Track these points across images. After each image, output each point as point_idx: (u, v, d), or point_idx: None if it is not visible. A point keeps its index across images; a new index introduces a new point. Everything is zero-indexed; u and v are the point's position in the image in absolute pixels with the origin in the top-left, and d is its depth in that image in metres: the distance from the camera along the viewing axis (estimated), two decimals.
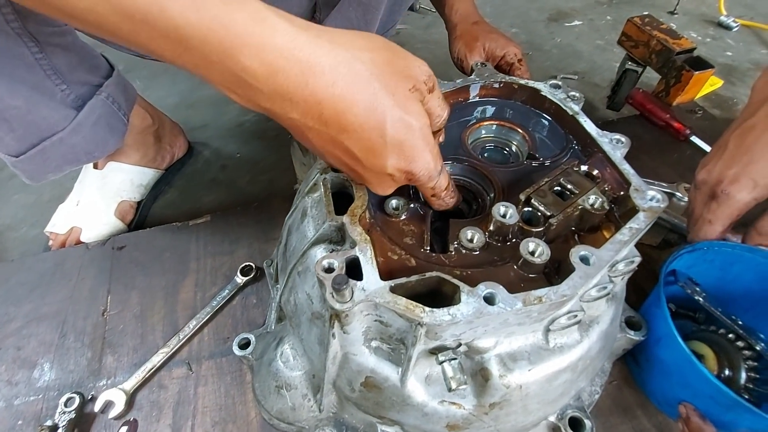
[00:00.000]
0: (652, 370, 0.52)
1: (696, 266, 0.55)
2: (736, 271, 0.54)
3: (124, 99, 0.75)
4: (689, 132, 0.86)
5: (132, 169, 0.84)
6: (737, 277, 0.55)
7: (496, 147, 0.55)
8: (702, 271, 0.56)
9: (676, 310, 0.59)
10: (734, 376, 0.48)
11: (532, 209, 0.43)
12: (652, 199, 0.42)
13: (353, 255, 0.38)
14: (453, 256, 0.42)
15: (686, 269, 0.56)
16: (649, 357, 0.52)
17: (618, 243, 0.39)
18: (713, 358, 0.49)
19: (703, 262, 0.55)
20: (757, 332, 0.51)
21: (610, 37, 1.38)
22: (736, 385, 0.48)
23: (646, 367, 0.53)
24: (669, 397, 0.51)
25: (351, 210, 0.41)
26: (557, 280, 0.39)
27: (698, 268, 0.55)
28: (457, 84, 0.56)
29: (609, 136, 0.48)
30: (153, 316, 0.65)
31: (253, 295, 0.66)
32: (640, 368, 0.55)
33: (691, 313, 0.59)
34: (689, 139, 0.86)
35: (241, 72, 0.31)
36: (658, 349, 0.50)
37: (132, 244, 0.74)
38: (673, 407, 0.49)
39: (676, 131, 0.87)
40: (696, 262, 0.55)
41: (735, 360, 0.49)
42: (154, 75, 1.27)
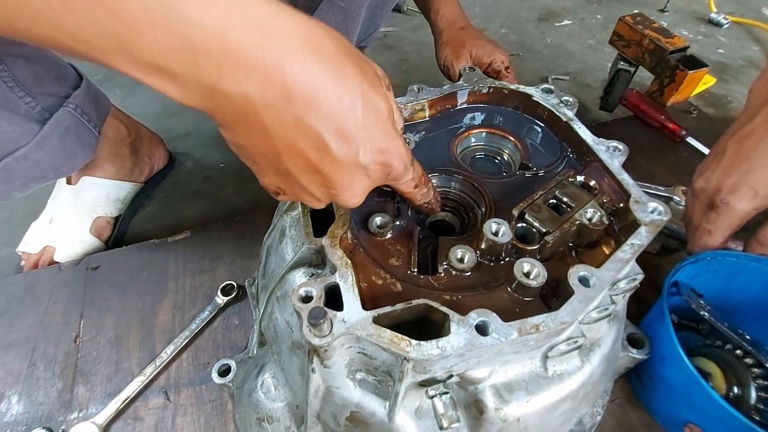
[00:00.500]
0: (657, 388, 0.49)
1: (699, 276, 0.53)
2: (741, 281, 0.52)
3: (94, 110, 0.71)
4: (685, 133, 0.84)
5: (107, 183, 0.80)
6: (742, 287, 0.52)
7: (487, 156, 0.52)
8: (705, 281, 0.53)
9: (678, 321, 0.56)
10: (743, 394, 0.46)
11: (526, 225, 0.40)
12: (654, 212, 0.40)
13: (333, 282, 0.35)
14: (442, 278, 0.39)
15: (689, 280, 0.53)
16: (653, 375, 0.49)
17: (619, 261, 0.36)
18: (720, 377, 0.47)
19: (706, 273, 0.52)
20: (765, 346, 0.48)
21: (601, 36, 1.36)
22: (745, 405, 0.45)
23: (649, 385, 0.51)
24: (675, 417, 0.48)
25: (331, 231, 0.38)
26: (555, 303, 0.36)
27: (701, 279, 0.53)
28: (444, 90, 0.53)
29: (605, 143, 0.46)
30: (128, 341, 0.61)
31: (235, 316, 0.63)
32: (643, 386, 0.52)
33: (694, 324, 0.57)
34: (685, 141, 0.84)
35: (186, 28, 0.25)
36: (662, 367, 0.47)
37: (107, 263, 0.70)
38: (679, 428, 0.47)
39: (671, 132, 0.85)
40: (699, 272, 0.52)
41: (743, 377, 0.46)
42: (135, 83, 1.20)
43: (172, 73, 0.26)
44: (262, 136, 0.29)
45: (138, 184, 0.88)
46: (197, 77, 0.26)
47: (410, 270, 0.39)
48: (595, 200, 0.40)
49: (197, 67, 0.26)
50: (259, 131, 0.29)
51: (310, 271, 0.40)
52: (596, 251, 0.40)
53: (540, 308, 0.36)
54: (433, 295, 0.36)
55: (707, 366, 0.48)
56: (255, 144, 0.30)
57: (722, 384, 0.47)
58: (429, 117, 0.53)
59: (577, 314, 0.33)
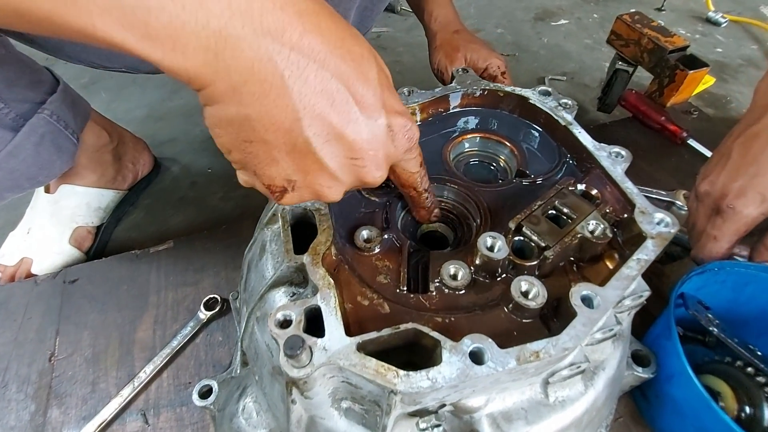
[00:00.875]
0: (663, 407, 0.47)
1: (705, 287, 0.50)
2: (749, 292, 0.49)
3: (72, 116, 0.68)
4: (686, 135, 0.81)
5: (88, 191, 0.77)
6: (751, 298, 0.50)
7: (482, 163, 0.49)
8: (712, 292, 0.50)
9: (683, 333, 0.54)
10: (756, 415, 0.43)
11: (523, 238, 0.37)
12: (660, 223, 0.37)
13: (314, 305, 0.32)
14: (434, 297, 0.36)
15: (695, 291, 0.50)
16: (659, 394, 0.46)
17: (625, 279, 0.33)
18: (731, 396, 0.44)
19: (713, 283, 0.50)
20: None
21: (598, 36, 1.34)
22: (758, 427, 0.43)
23: (655, 403, 0.48)
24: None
25: (313, 247, 0.35)
26: (555, 325, 0.33)
27: (708, 290, 0.50)
28: (436, 93, 0.50)
29: (607, 149, 0.43)
30: (106, 359, 0.58)
31: (218, 332, 0.59)
32: (649, 404, 0.49)
33: (699, 336, 0.54)
34: (686, 143, 0.82)
35: None
36: (669, 386, 0.44)
37: (85, 276, 0.67)
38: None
39: (672, 134, 0.82)
40: (706, 283, 0.50)
41: (756, 397, 0.43)
42: (121, 86, 1.19)
43: (170, 29, 0.23)
44: (280, 96, 0.25)
45: (121, 192, 0.84)
46: (201, 25, 0.23)
47: (399, 288, 0.36)
48: (597, 211, 0.37)
49: (202, 6, 0.23)
50: (276, 91, 0.25)
51: (291, 290, 0.37)
52: (599, 266, 0.38)
53: (540, 331, 0.33)
54: (423, 317, 0.34)
55: (717, 384, 0.45)
56: (269, 110, 0.26)
57: (733, 404, 0.44)
58: (420, 121, 0.51)
59: (581, 339, 0.30)
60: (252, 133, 0.27)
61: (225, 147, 0.29)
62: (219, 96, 0.26)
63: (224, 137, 0.28)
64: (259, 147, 0.27)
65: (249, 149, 0.28)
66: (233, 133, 0.27)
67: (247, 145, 0.27)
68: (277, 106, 0.26)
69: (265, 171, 0.29)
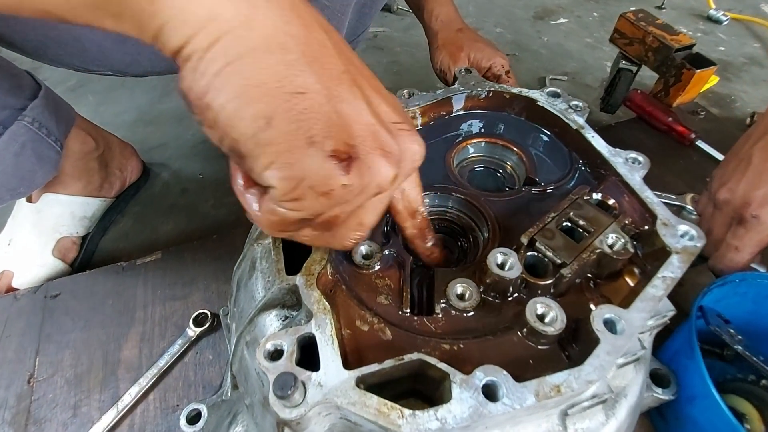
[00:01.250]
0: (683, 430, 0.44)
1: (725, 299, 0.47)
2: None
3: (55, 123, 0.64)
4: (695, 136, 0.78)
5: (72, 200, 0.74)
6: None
7: (488, 169, 0.46)
8: (732, 304, 0.48)
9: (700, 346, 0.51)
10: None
11: (537, 253, 0.34)
12: (685, 236, 0.34)
13: (308, 333, 0.29)
14: (440, 320, 0.33)
15: (714, 303, 0.47)
16: (680, 416, 0.43)
17: (650, 300, 0.30)
18: (757, 419, 0.41)
19: (734, 295, 0.47)
20: None
21: (599, 34, 1.31)
22: None
23: (674, 425, 0.45)
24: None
25: (307, 267, 0.32)
26: (575, 351, 0.30)
27: (728, 302, 0.47)
28: (438, 95, 0.47)
29: (623, 154, 0.40)
30: (89, 380, 0.55)
31: (208, 350, 0.56)
32: (667, 424, 0.46)
33: (717, 350, 0.51)
34: (695, 144, 0.79)
35: None
36: (691, 407, 0.41)
37: (68, 291, 0.63)
38: None
39: (680, 135, 0.80)
40: (726, 294, 0.47)
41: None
42: (110, 90, 1.16)
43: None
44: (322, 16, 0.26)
45: (108, 200, 0.81)
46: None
47: (402, 310, 0.33)
48: (616, 223, 0.34)
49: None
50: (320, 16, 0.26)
51: (283, 313, 0.34)
52: (619, 283, 0.35)
53: (557, 358, 0.30)
54: (429, 343, 0.30)
55: (741, 405, 0.42)
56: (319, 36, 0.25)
57: (760, 426, 0.41)
58: (421, 125, 0.47)
59: (606, 369, 0.27)
60: (303, 78, 0.23)
61: (263, 115, 0.22)
62: (257, 37, 0.22)
63: (264, 98, 0.22)
64: (313, 97, 0.23)
65: (300, 103, 0.22)
66: (277, 84, 0.22)
67: (297, 101, 0.22)
68: (324, 54, 0.24)
69: (326, 130, 0.23)
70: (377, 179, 0.25)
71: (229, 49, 0.22)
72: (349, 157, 0.24)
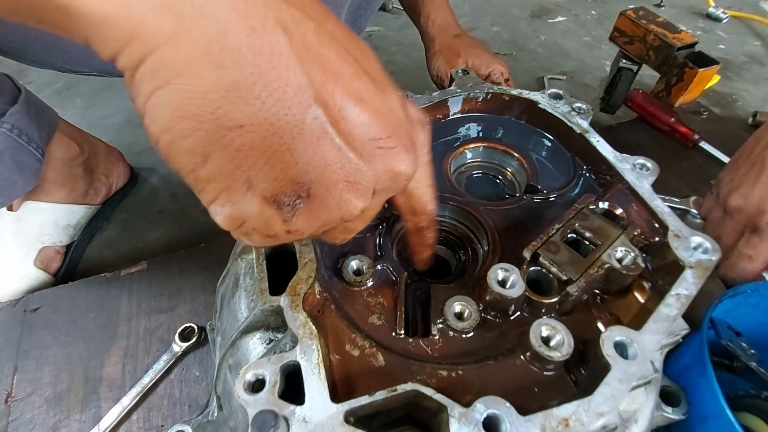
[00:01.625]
0: None
1: (736, 310, 0.45)
2: None
3: (36, 129, 0.62)
4: (698, 137, 0.76)
5: (55, 208, 0.71)
6: None
7: (486, 176, 0.44)
8: (743, 315, 0.45)
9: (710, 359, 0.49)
10: None
11: (540, 268, 0.32)
12: (698, 248, 0.32)
13: (293, 361, 0.26)
14: (437, 342, 0.30)
15: (724, 314, 0.45)
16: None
17: (664, 320, 0.28)
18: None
19: (745, 306, 0.45)
20: None
21: (597, 33, 1.29)
22: None
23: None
24: None
25: (292, 286, 0.30)
26: (583, 376, 0.28)
27: (738, 312, 0.45)
28: (434, 98, 0.45)
29: (630, 160, 0.38)
30: (69, 399, 0.52)
31: (195, 366, 0.53)
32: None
33: (726, 361, 0.49)
34: (698, 145, 0.77)
35: None
36: (703, 428, 0.39)
37: (48, 304, 0.60)
38: None
39: (683, 136, 0.78)
40: (737, 305, 0.44)
41: None
42: (98, 91, 1.13)
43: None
44: (276, 52, 0.19)
45: (94, 207, 0.78)
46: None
47: (396, 332, 0.31)
48: (625, 235, 0.32)
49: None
50: (270, 44, 0.19)
51: (267, 335, 0.31)
52: (628, 299, 0.32)
53: (564, 384, 0.28)
54: (425, 369, 0.28)
55: (755, 424, 0.40)
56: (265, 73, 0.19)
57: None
58: None
59: (618, 399, 0.25)
60: (242, 109, 0.19)
61: (198, 150, 0.19)
62: (185, 58, 0.18)
63: (198, 131, 0.19)
64: (255, 132, 0.19)
65: (239, 140, 0.19)
66: (211, 117, 0.19)
67: (235, 133, 0.19)
68: (271, 64, 0.19)
69: (267, 172, 0.20)
70: (337, 215, 0.22)
71: (156, 72, 0.18)
72: (299, 197, 0.21)
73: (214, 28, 0.18)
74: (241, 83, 0.18)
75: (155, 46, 0.18)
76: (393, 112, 0.23)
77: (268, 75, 0.18)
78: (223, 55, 0.18)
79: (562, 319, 0.31)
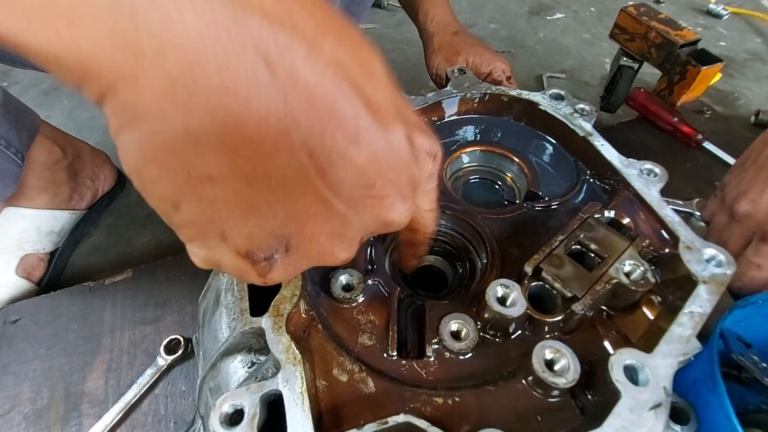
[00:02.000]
0: None
1: (746, 321, 0.43)
2: None
3: (15, 132, 0.59)
4: (702, 137, 0.74)
5: (38, 214, 0.68)
6: None
7: (484, 181, 0.42)
8: (753, 325, 0.43)
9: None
10: None
11: (543, 283, 0.30)
12: (711, 261, 0.30)
13: (274, 391, 0.24)
14: (432, 364, 0.28)
15: (733, 325, 0.43)
16: None
17: (676, 341, 0.26)
18: None
19: (756, 316, 0.43)
20: None
21: (596, 30, 1.27)
22: None
23: None
24: None
25: (275, 306, 0.27)
26: (589, 401, 0.26)
27: (748, 323, 0.43)
28: (429, 99, 0.42)
29: (637, 165, 0.35)
30: (49, 416, 0.50)
31: (181, 380, 0.51)
32: None
33: (734, 371, 0.47)
34: (701, 146, 0.75)
35: None
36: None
37: (29, 315, 0.58)
38: None
39: (686, 136, 0.76)
40: (747, 316, 0.42)
41: None
42: None
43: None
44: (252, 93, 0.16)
45: (78, 212, 0.75)
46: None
47: (388, 353, 0.28)
48: (633, 247, 0.30)
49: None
50: (245, 85, 0.16)
51: (249, 358, 0.29)
52: (636, 316, 0.30)
53: (570, 411, 0.26)
54: (419, 396, 0.26)
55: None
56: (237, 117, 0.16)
57: None
58: None
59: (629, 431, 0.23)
60: (213, 160, 0.16)
61: (168, 198, 0.18)
62: (147, 98, 0.15)
63: (165, 179, 0.17)
64: (228, 185, 0.17)
65: (210, 192, 0.17)
66: (180, 166, 0.17)
67: (206, 185, 0.17)
68: (249, 109, 0.16)
69: (242, 227, 0.18)
70: (317, 263, 0.21)
71: (119, 110, 0.16)
72: (276, 251, 0.19)
73: (177, 64, 0.15)
74: (209, 129, 0.16)
75: (112, 84, 0.15)
76: (393, 152, 0.19)
77: (244, 121, 0.16)
78: (190, 96, 0.15)
79: (566, 338, 0.29)
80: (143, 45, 0.15)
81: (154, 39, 0.15)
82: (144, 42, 0.15)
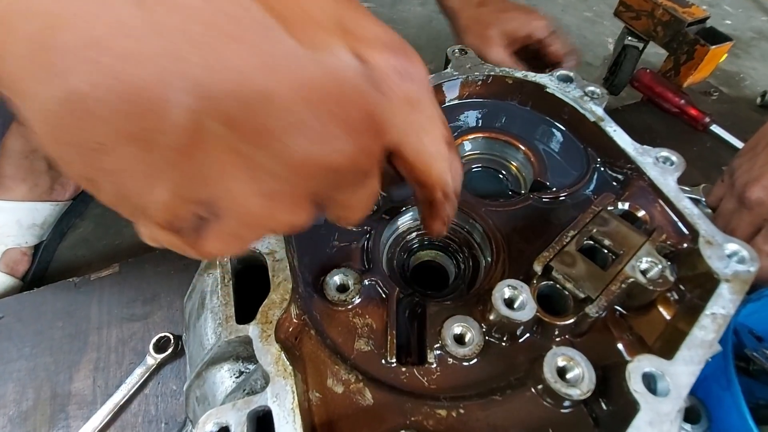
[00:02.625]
0: None
1: (757, 314, 0.42)
2: None
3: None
4: (709, 120, 0.72)
5: (17, 206, 0.65)
6: None
7: (487, 170, 0.39)
8: (764, 317, 0.42)
9: None
10: None
11: (553, 283, 0.27)
12: (734, 257, 0.27)
13: (262, 407, 0.22)
14: (434, 371, 0.26)
15: (744, 317, 0.42)
16: None
17: (698, 346, 0.24)
18: None
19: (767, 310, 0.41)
20: None
21: (598, 8, 1.23)
22: None
23: None
24: None
25: (263, 312, 0.25)
26: (604, 411, 0.24)
27: (759, 315, 0.42)
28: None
29: (652, 153, 0.33)
30: (35, 418, 0.48)
31: (172, 379, 0.49)
32: None
33: (742, 364, 0.46)
34: (709, 129, 0.72)
35: None
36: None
37: (12, 312, 0.56)
38: None
39: (693, 119, 0.73)
40: (759, 309, 0.41)
41: None
42: None
43: None
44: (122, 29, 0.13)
45: (62, 203, 0.72)
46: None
47: (386, 360, 0.26)
48: (650, 243, 0.28)
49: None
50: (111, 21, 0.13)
51: (237, 367, 0.27)
52: (651, 315, 0.28)
53: (584, 423, 0.24)
54: (421, 408, 0.24)
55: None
56: (107, 69, 0.13)
57: None
58: None
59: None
60: (98, 127, 0.14)
61: (83, 176, 0.15)
62: (20, 72, 0.13)
63: (71, 157, 0.15)
64: (121, 150, 0.14)
65: (108, 162, 0.15)
66: (73, 140, 0.14)
67: (102, 155, 0.14)
68: (123, 58, 0.13)
69: (152, 196, 0.15)
70: (261, 228, 0.17)
71: (8, 93, 0.14)
72: (200, 218, 0.16)
73: (38, 20, 0.13)
74: (82, 89, 0.13)
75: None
76: (329, 75, 0.15)
77: (116, 74, 0.13)
78: (52, 54, 0.13)
79: (577, 340, 0.27)
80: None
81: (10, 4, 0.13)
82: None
